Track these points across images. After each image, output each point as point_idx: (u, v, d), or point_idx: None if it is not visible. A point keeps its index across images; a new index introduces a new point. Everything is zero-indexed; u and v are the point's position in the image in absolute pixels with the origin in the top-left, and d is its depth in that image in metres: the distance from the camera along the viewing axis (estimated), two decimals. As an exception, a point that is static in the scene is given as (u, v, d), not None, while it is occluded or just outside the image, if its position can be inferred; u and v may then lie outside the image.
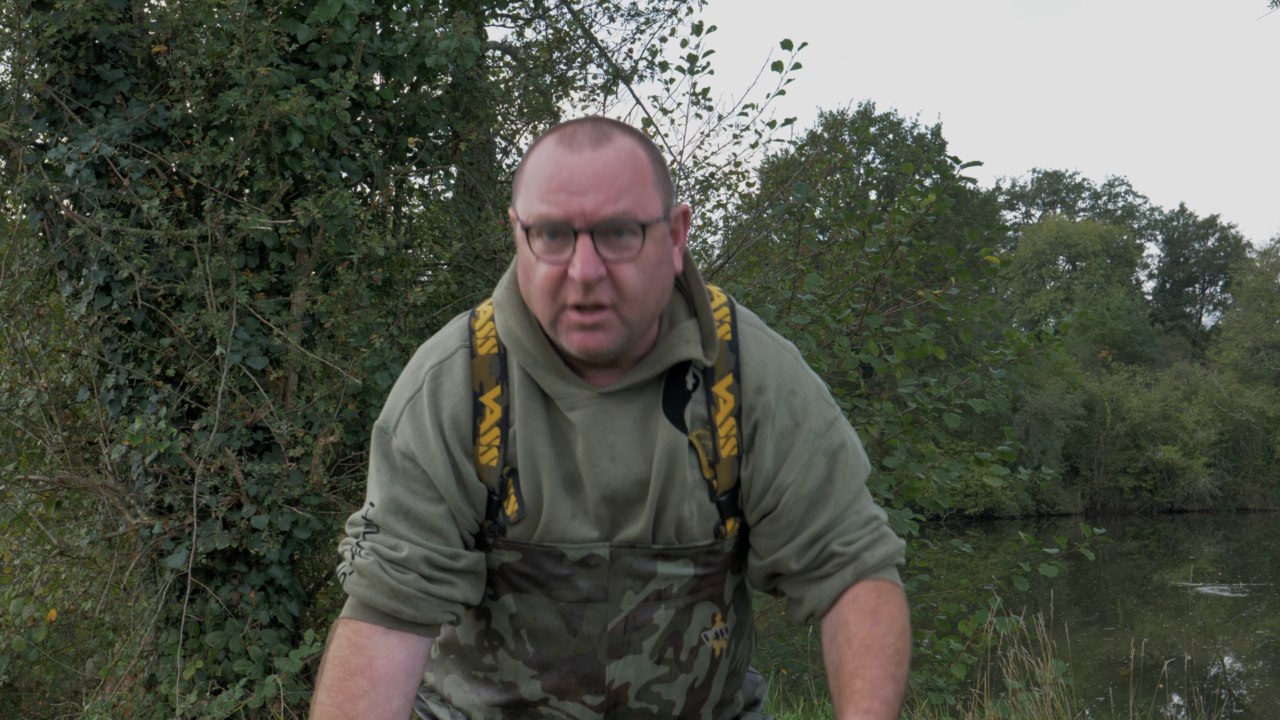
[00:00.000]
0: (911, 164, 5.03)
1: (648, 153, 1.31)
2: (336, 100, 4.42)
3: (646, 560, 1.41)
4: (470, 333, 1.44)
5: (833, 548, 1.40)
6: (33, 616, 4.57)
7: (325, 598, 5.29)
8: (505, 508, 1.40)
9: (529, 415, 1.39)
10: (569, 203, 1.25)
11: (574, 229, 1.25)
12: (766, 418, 1.40)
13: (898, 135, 41.20)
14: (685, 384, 1.40)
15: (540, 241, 1.27)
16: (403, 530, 1.37)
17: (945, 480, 4.86)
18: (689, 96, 6.80)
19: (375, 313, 4.80)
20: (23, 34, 4.45)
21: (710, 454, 1.40)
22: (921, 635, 4.94)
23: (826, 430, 1.42)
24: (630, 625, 1.43)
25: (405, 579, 1.35)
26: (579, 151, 1.26)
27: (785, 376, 1.42)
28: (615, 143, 1.27)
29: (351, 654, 1.34)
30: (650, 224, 1.28)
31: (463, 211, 5.93)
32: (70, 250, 4.58)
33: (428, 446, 1.38)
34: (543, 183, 1.26)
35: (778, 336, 1.48)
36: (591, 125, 1.29)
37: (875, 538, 1.43)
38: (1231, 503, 37.74)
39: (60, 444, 4.78)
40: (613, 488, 1.38)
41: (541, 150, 1.29)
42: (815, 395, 1.44)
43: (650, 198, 1.28)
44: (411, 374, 1.43)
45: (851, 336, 5.08)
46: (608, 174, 1.25)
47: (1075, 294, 47.66)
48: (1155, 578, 19.45)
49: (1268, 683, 10.84)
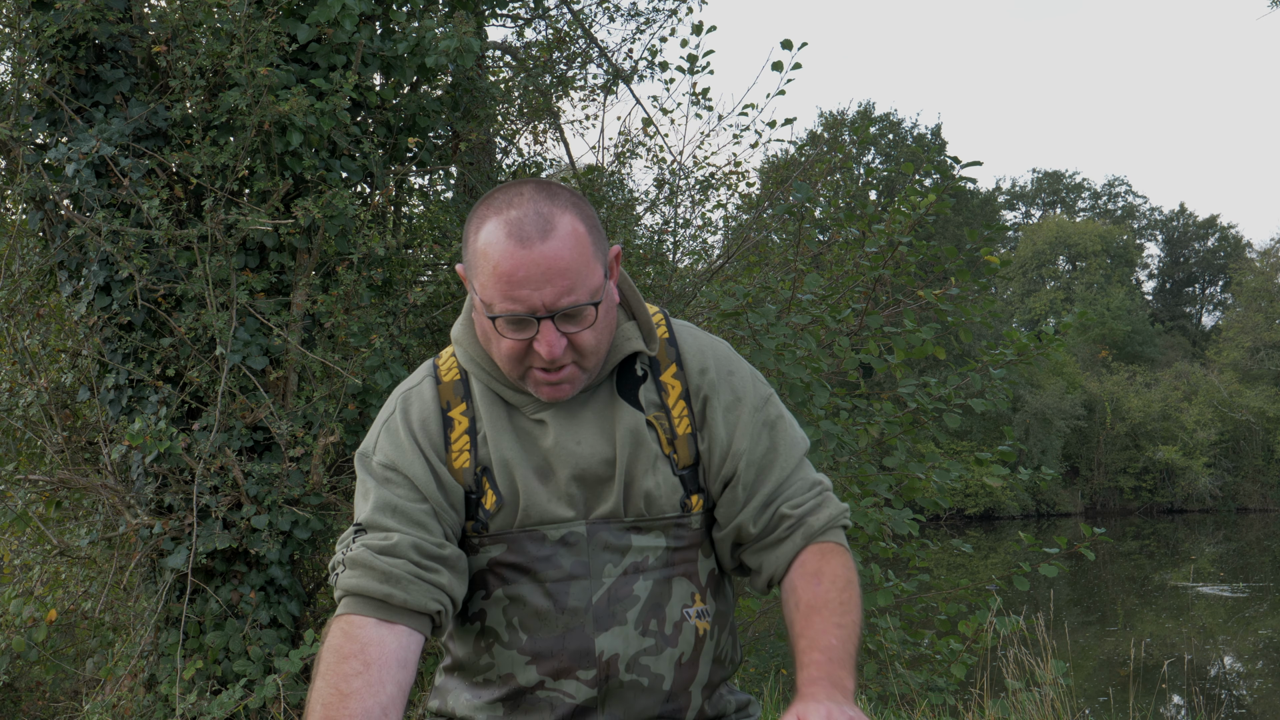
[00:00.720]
0: (911, 164, 5.02)
1: (584, 223, 1.42)
2: (336, 100, 4.42)
3: (621, 533, 1.52)
4: (434, 367, 1.61)
5: (782, 510, 1.54)
6: (33, 616, 4.57)
7: (325, 598, 5.29)
8: (484, 503, 1.52)
9: (494, 420, 1.54)
10: (530, 298, 1.39)
11: (536, 318, 1.40)
12: (713, 394, 1.56)
13: (898, 135, 41.20)
14: (635, 371, 1.56)
15: (504, 325, 1.42)
16: (391, 524, 1.47)
17: (945, 480, 4.86)
18: (689, 96, 6.81)
19: (375, 313, 4.80)
20: (23, 34, 4.45)
21: (668, 431, 1.55)
22: (921, 635, 4.94)
23: (764, 405, 1.59)
24: (613, 597, 1.51)
25: (395, 563, 1.44)
26: (529, 246, 1.38)
27: (722, 360, 1.59)
28: (558, 229, 1.39)
29: (344, 641, 1.40)
30: (600, 298, 1.43)
31: (463, 211, 5.93)
32: (70, 250, 4.58)
33: (405, 454, 1.51)
34: (500, 280, 1.39)
35: (709, 333, 1.66)
36: (534, 212, 1.39)
37: (819, 501, 1.57)
38: (1231, 503, 37.74)
39: (60, 444, 4.78)
40: (581, 467, 1.51)
41: (491, 238, 1.40)
42: (750, 375, 1.60)
43: (594, 270, 1.42)
44: (386, 408, 1.60)
45: (851, 336, 5.08)
46: (559, 266, 1.38)
47: (1075, 294, 47.66)
48: (1155, 578, 19.45)
49: (1268, 683, 10.84)
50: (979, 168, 4.85)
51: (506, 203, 1.42)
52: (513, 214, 1.40)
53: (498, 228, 1.40)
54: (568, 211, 1.41)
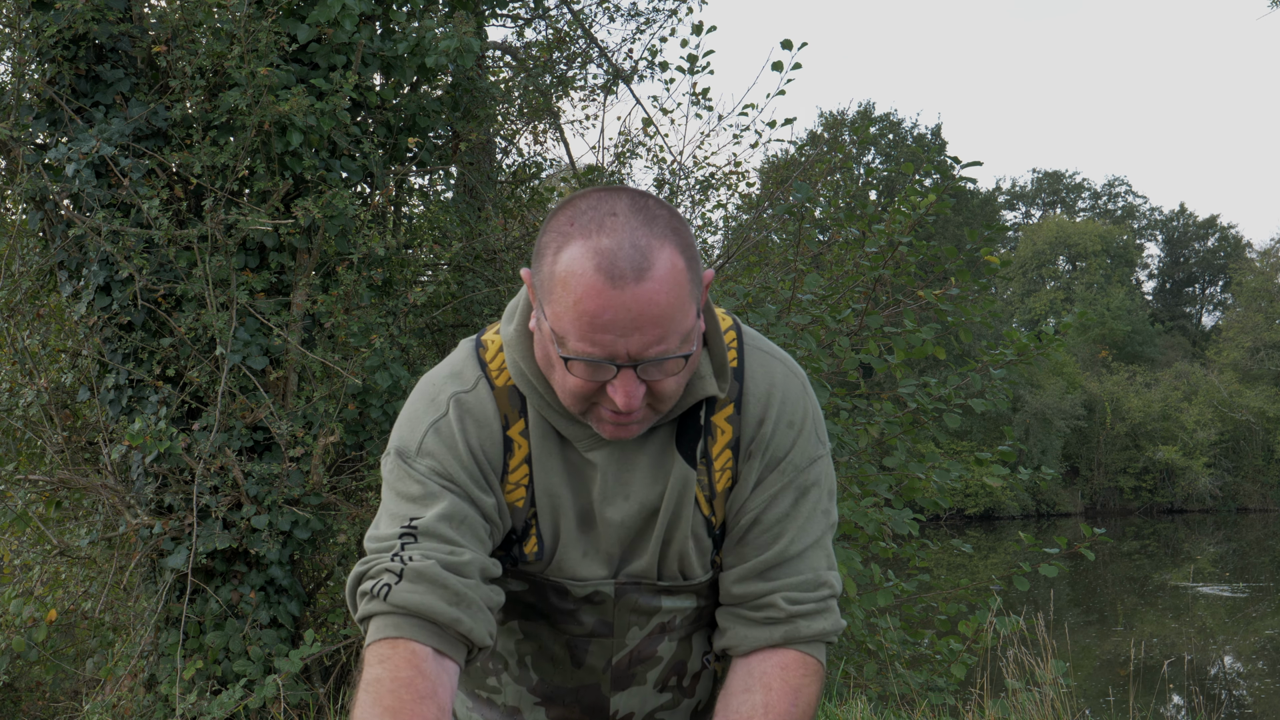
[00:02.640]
0: (911, 164, 5.02)
1: (684, 255, 1.21)
2: (336, 100, 4.42)
3: (651, 596, 1.39)
4: (482, 364, 1.37)
5: (776, 600, 1.36)
6: (33, 616, 4.57)
7: (325, 598, 5.29)
8: (524, 545, 1.37)
9: (545, 452, 1.35)
10: (613, 345, 1.18)
11: (616, 364, 1.20)
12: (758, 450, 1.36)
13: (898, 135, 41.20)
14: (699, 419, 1.36)
15: (577, 365, 1.21)
16: (458, 537, 1.29)
17: (945, 480, 4.86)
18: (689, 96, 6.81)
19: (375, 313, 4.80)
20: (23, 34, 4.45)
21: (706, 489, 1.37)
22: (921, 635, 4.94)
23: (807, 466, 1.38)
24: (635, 658, 1.43)
25: (467, 584, 1.27)
26: (621, 287, 1.16)
27: (786, 407, 1.38)
28: (656, 267, 1.17)
29: (417, 678, 1.22)
30: (691, 348, 1.23)
31: (463, 211, 5.93)
32: (70, 250, 4.58)
33: (463, 469, 1.32)
34: (581, 319, 1.17)
35: (785, 359, 1.42)
36: (630, 243, 1.17)
37: (819, 609, 1.37)
38: (1231, 503, 37.74)
39: (60, 444, 4.78)
40: (626, 526, 1.36)
41: (575, 267, 1.18)
42: (810, 430, 1.39)
43: (689, 313, 1.21)
44: (428, 400, 1.36)
45: (851, 336, 5.08)
46: (652, 313, 1.17)
47: (1075, 294, 47.65)
48: (1155, 578, 19.45)
49: (1268, 683, 10.84)
50: (979, 168, 4.85)
51: (597, 225, 1.18)
52: (604, 242, 1.17)
53: (585, 256, 1.17)
54: (667, 243, 1.19)
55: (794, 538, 1.36)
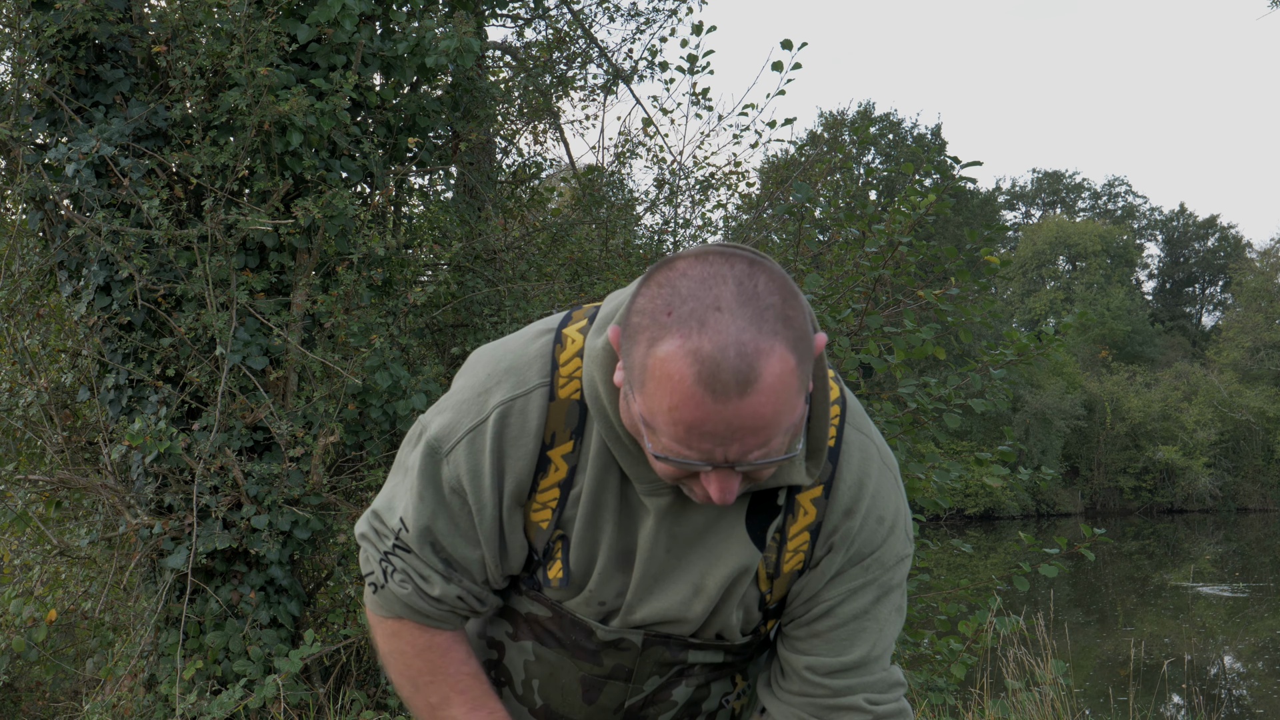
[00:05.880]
0: (911, 164, 5.02)
1: (795, 351, 1.05)
2: (336, 100, 4.42)
3: (679, 649, 1.36)
4: (554, 366, 1.25)
5: (859, 702, 1.31)
6: (33, 616, 4.57)
7: (325, 598, 5.29)
8: (548, 570, 1.31)
9: (599, 487, 1.25)
10: (712, 453, 1.07)
11: (713, 466, 1.09)
12: (844, 543, 1.27)
13: (898, 135, 41.19)
14: (776, 499, 1.27)
15: (668, 465, 1.11)
16: (437, 565, 1.31)
17: (945, 480, 4.85)
18: (689, 96, 6.80)
19: (375, 313, 4.80)
20: (23, 34, 4.45)
21: (771, 567, 1.29)
22: (921, 635, 4.94)
23: (894, 565, 1.30)
24: (649, 701, 1.40)
25: (441, 608, 1.34)
26: (724, 401, 1.02)
27: (878, 501, 1.28)
28: (764, 377, 1.02)
29: (419, 635, 1.36)
30: (796, 447, 1.13)
31: (463, 211, 5.93)
32: (70, 250, 4.58)
33: (481, 493, 1.26)
34: (678, 426, 1.05)
35: (883, 447, 1.32)
36: (735, 350, 1.02)
37: (899, 709, 1.34)
38: (1231, 503, 37.74)
39: (60, 444, 4.78)
40: (667, 587, 1.30)
41: (672, 369, 1.03)
42: (901, 528, 1.31)
43: (797, 409, 1.08)
44: (477, 396, 1.26)
45: (851, 336, 5.07)
46: (757, 424, 1.04)
47: (1075, 294, 47.65)
48: (1155, 578, 19.45)
49: (1268, 683, 10.84)
50: (979, 168, 4.85)
51: (699, 322, 1.02)
52: (705, 346, 1.02)
53: (684, 361, 1.02)
54: (778, 342, 1.03)
55: (876, 641, 1.31)
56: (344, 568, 5.02)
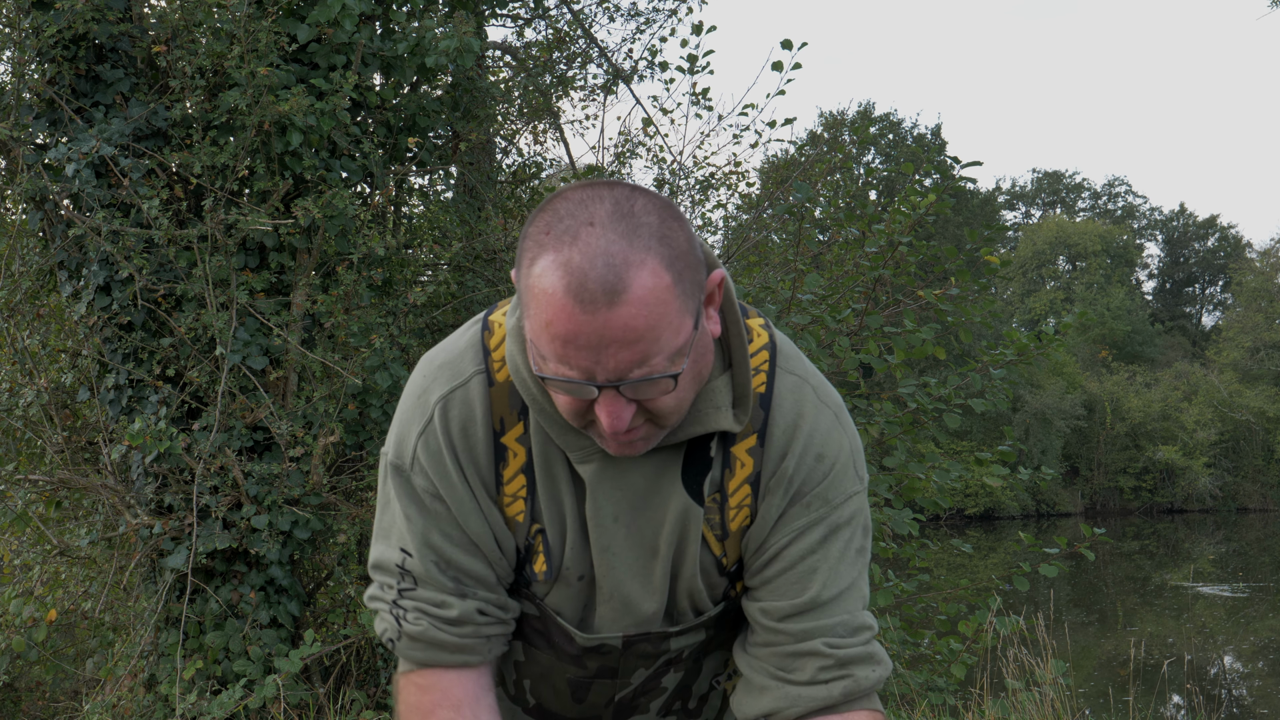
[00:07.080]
0: (911, 164, 5.02)
1: (670, 269, 1.06)
2: (336, 100, 4.42)
3: (660, 640, 1.34)
4: (485, 352, 1.25)
5: (818, 647, 1.25)
6: (33, 616, 4.57)
7: (325, 598, 5.29)
8: (533, 564, 1.29)
9: (548, 463, 1.24)
10: (590, 368, 1.07)
11: (596, 386, 1.08)
12: (779, 484, 1.25)
13: (898, 135, 41.19)
14: (709, 451, 1.24)
15: (556, 386, 1.12)
16: (448, 584, 1.26)
17: (945, 480, 4.85)
18: (689, 96, 6.80)
19: (375, 313, 4.80)
20: (23, 34, 4.45)
21: (717, 527, 1.26)
22: (921, 635, 4.94)
23: (841, 502, 1.26)
24: (639, 691, 1.40)
25: (464, 632, 1.27)
26: (592, 311, 1.03)
27: (815, 439, 1.25)
28: (632, 289, 1.04)
29: (422, 696, 1.28)
30: (682, 366, 1.10)
31: (463, 211, 5.93)
32: (70, 250, 4.58)
33: (454, 489, 1.24)
34: (554, 341, 1.06)
35: (821, 386, 1.29)
36: (603, 260, 1.03)
37: (868, 653, 1.27)
38: (1231, 503, 37.73)
39: (60, 444, 4.78)
40: (620, 554, 1.27)
41: (544, 284, 1.06)
42: (845, 464, 1.27)
43: (679, 327, 1.08)
44: (417, 398, 1.26)
45: (851, 336, 5.07)
46: (629, 336, 1.05)
47: (1075, 294, 47.65)
48: (1155, 578, 19.45)
49: (1268, 683, 10.84)
50: (979, 168, 4.85)
51: (572, 236, 1.05)
52: (575, 258, 1.04)
53: (555, 273, 1.05)
54: (650, 257, 1.05)
55: (828, 581, 1.25)
56: (344, 568, 5.02)
